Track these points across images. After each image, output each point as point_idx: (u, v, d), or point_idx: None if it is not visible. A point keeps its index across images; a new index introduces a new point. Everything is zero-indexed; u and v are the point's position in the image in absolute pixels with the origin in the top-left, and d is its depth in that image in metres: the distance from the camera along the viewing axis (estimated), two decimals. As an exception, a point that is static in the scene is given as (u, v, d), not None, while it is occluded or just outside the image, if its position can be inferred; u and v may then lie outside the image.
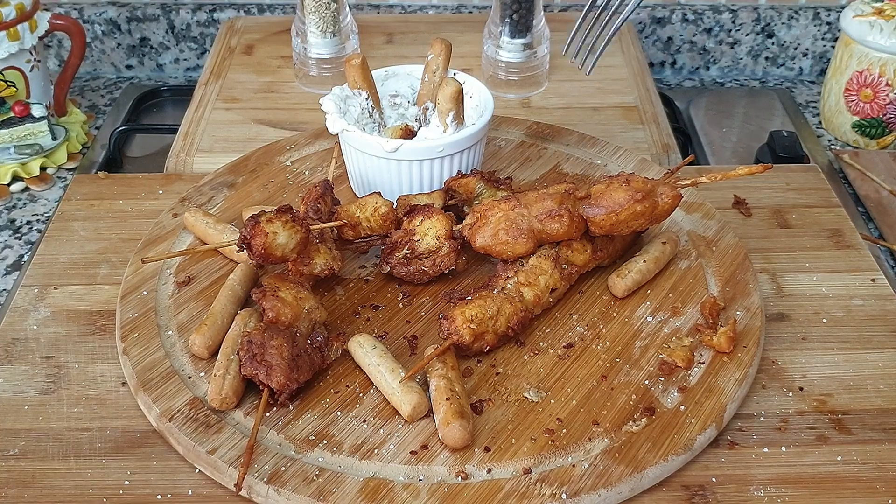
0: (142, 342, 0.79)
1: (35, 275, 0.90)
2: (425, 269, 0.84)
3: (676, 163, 1.08)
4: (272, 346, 0.72)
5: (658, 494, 0.70)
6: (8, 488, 0.70)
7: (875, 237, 1.01)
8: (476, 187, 0.89)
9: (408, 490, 0.67)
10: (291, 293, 0.77)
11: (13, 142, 1.09)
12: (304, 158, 1.04)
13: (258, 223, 0.76)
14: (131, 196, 1.01)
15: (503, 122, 1.10)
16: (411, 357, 0.79)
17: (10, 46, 1.09)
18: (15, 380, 0.79)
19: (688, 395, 0.75)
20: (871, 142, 1.17)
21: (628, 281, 0.84)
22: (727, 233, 0.92)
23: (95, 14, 1.38)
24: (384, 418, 0.73)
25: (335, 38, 1.20)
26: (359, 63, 0.94)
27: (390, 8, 1.44)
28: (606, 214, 0.81)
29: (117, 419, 0.75)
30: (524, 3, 1.16)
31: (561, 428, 0.72)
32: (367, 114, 0.96)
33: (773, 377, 0.80)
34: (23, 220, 1.04)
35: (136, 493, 0.69)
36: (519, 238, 0.81)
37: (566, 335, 0.81)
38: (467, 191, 0.89)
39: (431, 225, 0.84)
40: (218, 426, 0.72)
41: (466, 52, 1.27)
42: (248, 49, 1.32)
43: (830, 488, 0.70)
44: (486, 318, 0.77)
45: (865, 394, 0.78)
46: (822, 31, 1.37)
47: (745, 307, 0.83)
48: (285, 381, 0.71)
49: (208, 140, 1.12)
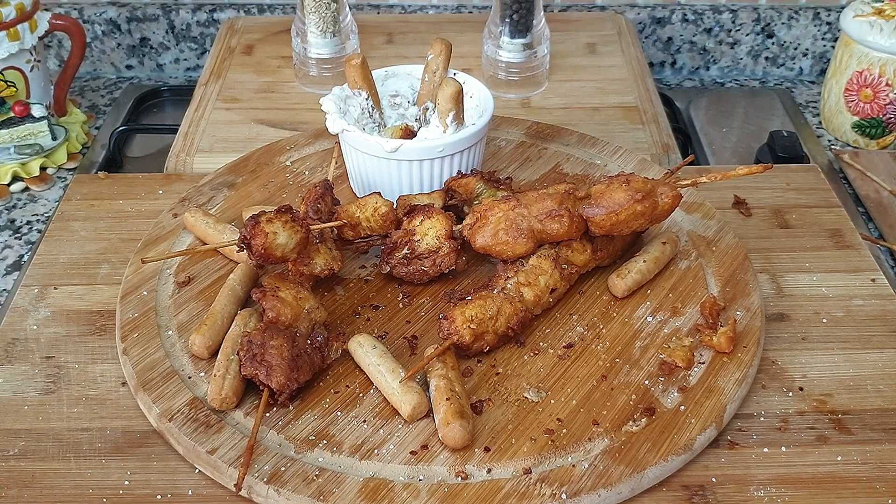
0: (142, 342, 0.79)
1: (35, 275, 0.90)
2: (425, 269, 0.84)
3: (676, 163, 1.08)
4: (272, 346, 0.72)
5: (658, 494, 0.70)
6: (8, 488, 0.70)
7: (875, 237, 1.01)
8: (476, 187, 0.89)
9: (408, 490, 0.67)
10: (291, 293, 0.77)
11: (13, 142, 1.09)
12: (304, 158, 1.04)
13: (258, 223, 0.76)
14: (131, 196, 1.01)
15: (503, 122, 1.10)
16: (411, 357, 0.79)
17: (10, 46, 1.09)
18: (15, 380, 0.79)
19: (688, 395, 0.75)
20: (871, 142, 1.17)
21: (628, 281, 0.84)
22: (727, 233, 0.92)
23: (95, 14, 1.38)
24: (384, 418, 0.73)
25: (335, 38, 1.20)
26: (359, 63, 0.94)
27: (390, 8, 1.44)
28: (606, 214, 0.81)
29: (117, 419, 0.75)
30: (524, 3, 1.16)
31: (561, 428, 0.72)
32: (367, 114, 0.96)
33: (773, 377, 0.80)
34: (23, 220, 1.04)
35: (136, 493, 0.69)
36: (519, 238, 0.81)
37: (566, 335, 0.81)
38: (467, 191, 0.89)
39: (431, 225, 0.84)
40: (218, 426, 0.72)
41: (466, 52, 1.27)
42: (248, 49, 1.32)
43: (830, 488, 0.70)
44: (486, 318, 0.77)
45: (865, 394, 0.78)
46: (822, 31, 1.37)
47: (745, 307, 0.83)
48: (285, 381, 0.71)
49: (208, 140, 1.12)
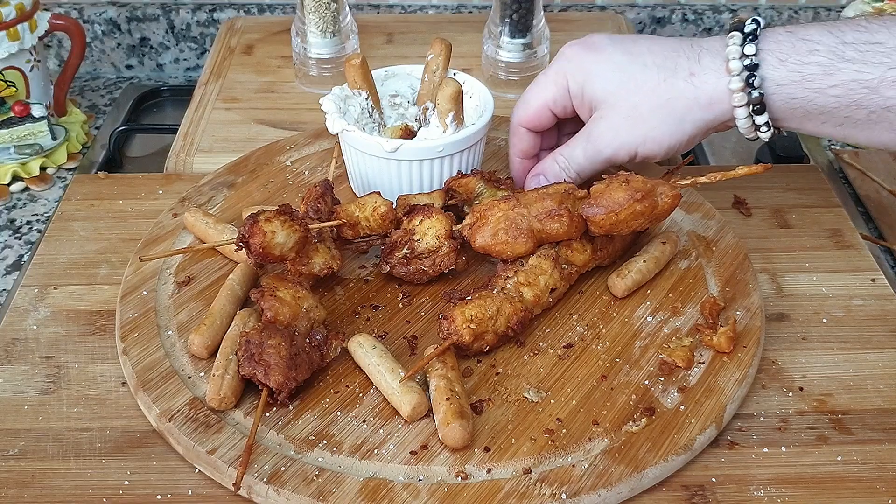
0: (142, 342, 0.79)
1: (35, 275, 0.90)
2: (425, 268, 0.84)
3: (676, 163, 1.08)
4: (270, 345, 0.72)
5: (658, 494, 0.70)
6: (8, 488, 0.70)
7: (875, 237, 1.01)
8: (476, 187, 0.89)
9: (408, 490, 0.67)
10: (290, 293, 0.77)
11: (13, 142, 1.09)
12: (304, 158, 1.04)
13: (256, 222, 0.76)
14: (131, 196, 1.01)
15: (503, 122, 1.09)
16: (411, 357, 0.79)
17: (10, 46, 1.09)
18: (15, 380, 0.79)
19: (688, 395, 0.75)
20: (871, 142, 1.17)
21: (628, 281, 0.84)
22: (727, 233, 0.92)
23: (95, 14, 1.38)
24: (384, 418, 0.73)
25: (335, 38, 1.20)
26: (359, 63, 0.94)
27: (390, 8, 1.44)
28: (606, 214, 0.81)
29: (117, 419, 0.75)
30: (524, 3, 1.16)
31: (561, 428, 0.72)
32: (367, 114, 0.96)
33: (773, 377, 0.80)
34: (23, 220, 1.04)
35: (135, 493, 0.69)
36: (518, 238, 0.81)
37: (566, 335, 0.81)
38: (467, 190, 0.89)
39: (431, 225, 0.84)
40: (218, 426, 0.72)
41: (466, 52, 1.27)
42: (248, 49, 1.32)
43: (830, 488, 0.70)
44: (485, 317, 0.77)
45: (865, 394, 0.78)
46: (822, 31, 1.37)
47: (745, 307, 0.83)
48: (283, 380, 0.71)
49: (208, 140, 1.12)
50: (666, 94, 0.80)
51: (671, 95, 0.80)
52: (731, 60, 0.77)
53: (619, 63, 0.82)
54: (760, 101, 0.77)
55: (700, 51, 0.80)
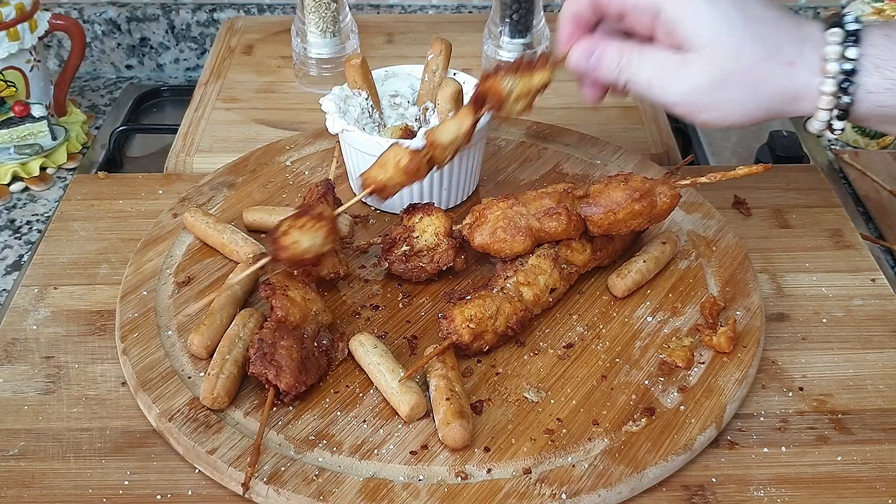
0: (142, 342, 0.79)
1: (35, 275, 0.90)
2: (423, 265, 0.84)
3: (676, 163, 1.08)
4: (283, 346, 0.72)
5: (658, 494, 0.70)
6: (8, 488, 0.70)
7: (875, 237, 1.01)
8: (505, 85, 0.78)
9: (408, 490, 0.67)
10: (300, 293, 0.77)
11: (13, 142, 1.09)
12: (304, 158, 1.04)
13: (275, 239, 0.74)
14: (131, 196, 1.01)
15: (503, 122, 1.10)
16: (411, 357, 0.79)
17: (10, 46, 1.09)
18: (15, 380, 0.79)
19: (688, 395, 0.75)
20: (871, 142, 1.17)
21: (628, 281, 0.84)
22: (727, 233, 0.92)
23: (95, 14, 1.38)
24: (384, 418, 0.73)
25: (335, 38, 1.20)
26: (359, 63, 0.94)
27: (390, 8, 1.44)
28: (604, 213, 0.81)
29: (117, 419, 0.75)
30: (524, 3, 1.16)
31: (561, 428, 0.72)
32: (367, 114, 0.96)
33: (773, 377, 0.80)
34: (23, 220, 1.04)
35: (135, 493, 0.69)
36: (517, 236, 0.81)
37: (566, 335, 0.81)
38: (496, 95, 0.79)
39: (431, 222, 0.84)
40: (218, 426, 0.72)
41: (466, 52, 1.27)
42: (248, 49, 1.32)
43: (830, 488, 0.70)
44: (485, 317, 0.77)
45: (865, 394, 0.78)
46: (822, 30, 1.37)
47: (745, 307, 0.83)
48: (294, 382, 0.71)
49: (208, 140, 1.12)
50: (762, 75, 0.71)
51: (766, 79, 0.71)
52: (829, 62, 0.70)
53: (732, 18, 0.71)
54: (847, 107, 0.71)
55: (804, 38, 0.72)
